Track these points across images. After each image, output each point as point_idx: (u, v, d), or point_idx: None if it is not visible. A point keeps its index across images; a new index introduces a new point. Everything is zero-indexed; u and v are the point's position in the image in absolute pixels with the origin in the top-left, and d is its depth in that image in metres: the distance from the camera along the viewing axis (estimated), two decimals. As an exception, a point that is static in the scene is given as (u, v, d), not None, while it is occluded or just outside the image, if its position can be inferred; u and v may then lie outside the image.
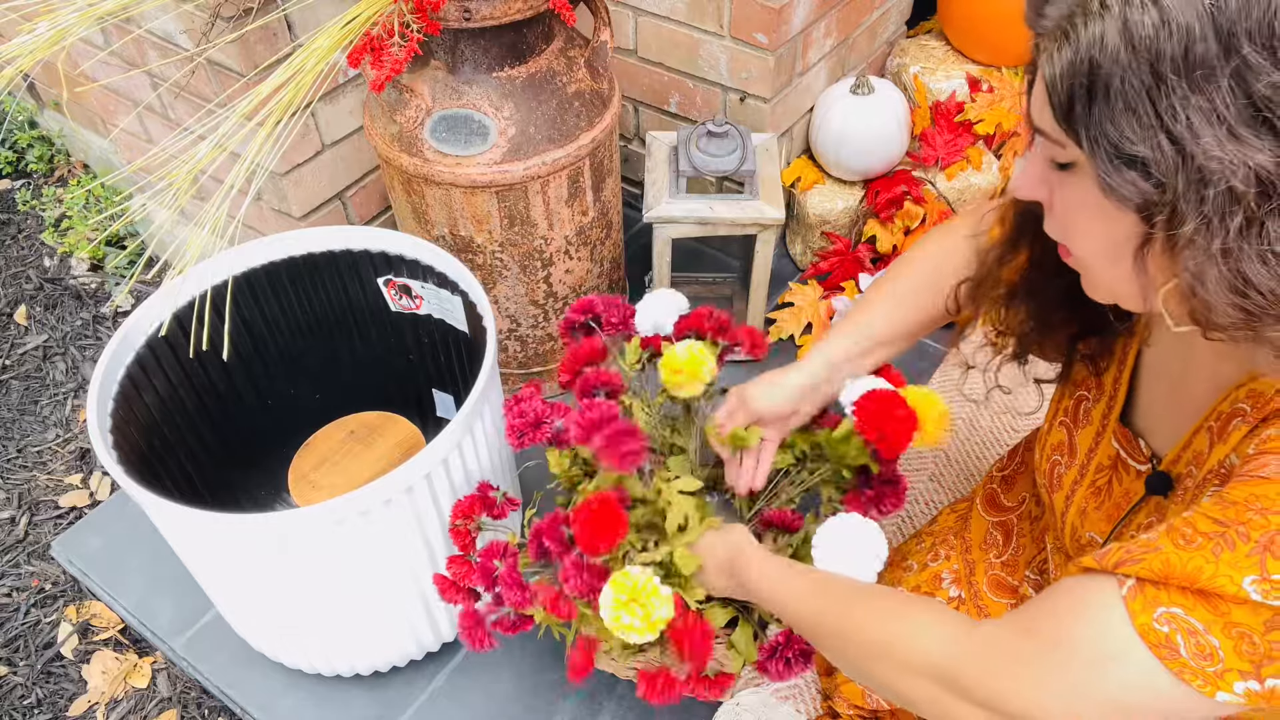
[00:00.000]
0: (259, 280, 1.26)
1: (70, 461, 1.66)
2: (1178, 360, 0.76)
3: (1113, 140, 0.55)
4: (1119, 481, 0.81)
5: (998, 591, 1.02)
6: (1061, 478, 0.86)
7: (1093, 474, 0.83)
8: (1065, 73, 0.56)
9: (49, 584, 1.49)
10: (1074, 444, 0.86)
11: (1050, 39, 0.57)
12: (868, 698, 1.08)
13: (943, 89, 1.75)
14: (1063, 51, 0.56)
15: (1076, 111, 0.57)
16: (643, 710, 1.24)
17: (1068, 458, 0.86)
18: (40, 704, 1.37)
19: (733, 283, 1.76)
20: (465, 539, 1.00)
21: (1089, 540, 0.83)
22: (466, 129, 1.26)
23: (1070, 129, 0.58)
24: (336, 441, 1.45)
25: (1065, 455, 0.86)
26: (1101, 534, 0.81)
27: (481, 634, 0.95)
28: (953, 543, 1.09)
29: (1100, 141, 0.56)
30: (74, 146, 2.15)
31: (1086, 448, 0.84)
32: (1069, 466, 0.85)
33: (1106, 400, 0.83)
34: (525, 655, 1.30)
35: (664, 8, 1.58)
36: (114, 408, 1.09)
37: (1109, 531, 0.80)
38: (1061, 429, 0.87)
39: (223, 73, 1.35)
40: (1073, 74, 0.56)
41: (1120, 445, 0.81)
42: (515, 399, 0.99)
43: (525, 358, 1.55)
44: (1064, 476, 0.86)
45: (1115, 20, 0.53)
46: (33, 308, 1.93)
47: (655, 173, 1.49)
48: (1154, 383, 0.80)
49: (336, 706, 1.26)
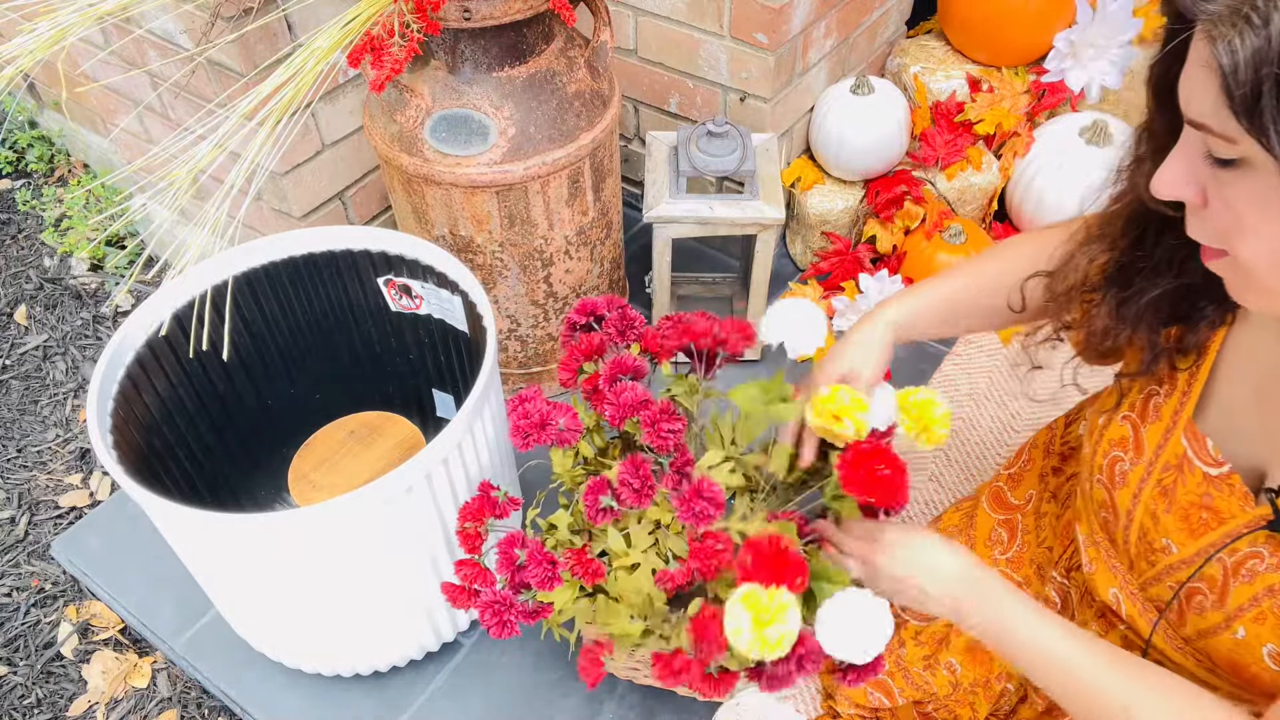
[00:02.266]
0: (259, 280, 1.26)
1: (70, 461, 1.66)
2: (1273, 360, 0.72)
3: None
4: (1182, 484, 0.78)
5: None
6: (1126, 475, 0.83)
7: (1159, 473, 0.80)
8: (1251, 61, 0.51)
9: (49, 584, 1.49)
10: (1140, 440, 0.82)
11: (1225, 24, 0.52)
12: (869, 695, 1.08)
13: (943, 89, 1.75)
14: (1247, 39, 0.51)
15: (1263, 106, 0.52)
16: (643, 710, 1.24)
17: (1133, 454, 0.82)
18: (40, 704, 1.37)
19: (733, 283, 1.76)
20: (475, 541, 1.00)
21: (1163, 547, 0.80)
22: (466, 129, 1.26)
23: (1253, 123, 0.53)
24: (336, 441, 1.45)
25: (1130, 451, 0.82)
26: (1180, 544, 0.78)
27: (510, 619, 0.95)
28: (957, 540, 1.09)
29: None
30: (74, 146, 2.15)
31: (1155, 445, 0.80)
32: (1135, 463, 0.82)
33: (1179, 395, 0.79)
34: (525, 655, 1.30)
35: (664, 8, 1.58)
36: (114, 408, 1.09)
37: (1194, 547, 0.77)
38: (1126, 424, 0.83)
39: (223, 73, 1.35)
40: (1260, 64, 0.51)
41: (1189, 445, 0.78)
42: (519, 399, 0.99)
43: (525, 358, 1.55)
44: (1129, 474, 0.82)
45: None
46: (33, 308, 1.93)
47: (655, 173, 1.49)
48: (1235, 383, 0.76)
49: (336, 706, 1.26)
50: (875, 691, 1.08)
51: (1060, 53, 1.69)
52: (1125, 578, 0.86)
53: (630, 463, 0.90)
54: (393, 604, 1.13)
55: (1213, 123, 0.56)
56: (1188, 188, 0.61)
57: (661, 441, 0.93)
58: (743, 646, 0.82)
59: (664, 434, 0.93)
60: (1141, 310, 0.77)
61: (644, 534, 0.97)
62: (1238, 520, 0.74)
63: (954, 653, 1.03)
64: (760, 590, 0.83)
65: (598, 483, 0.93)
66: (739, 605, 0.83)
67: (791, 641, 0.83)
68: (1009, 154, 1.73)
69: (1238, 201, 0.58)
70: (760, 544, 0.85)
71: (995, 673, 1.01)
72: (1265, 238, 0.58)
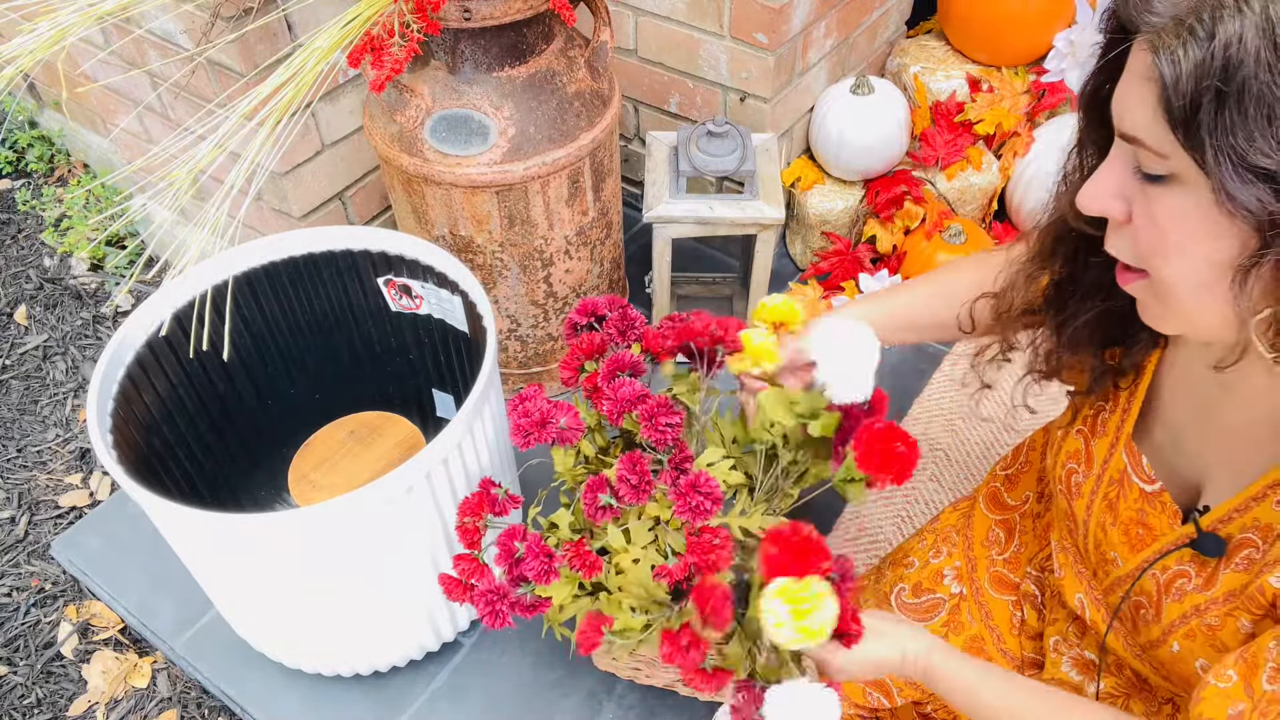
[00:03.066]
0: (259, 280, 1.26)
1: (70, 461, 1.66)
2: (1211, 383, 0.72)
3: (1241, 151, 0.50)
4: (1124, 499, 0.80)
5: (999, 588, 1.03)
6: (1080, 486, 0.85)
7: (1105, 486, 0.82)
8: (1191, 74, 0.50)
9: (49, 584, 1.49)
10: (1091, 453, 0.84)
11: (1169, 35, 0.52)
12: (869, 695, 1.08)
13: (943, 89, 1.75)
14: (1188, 50, 0.50)
15: (1200, 119, 0.51)
16: (643, 710, 1.24)
17: (1085, 466, 0.84)
18: (40, 704, 1.37)
19: (733, 283, 1.76)
20: (473, 536, 1.00)
21: (1111, 559, 0.82)
22: (466, 129, 1.26)
23: (1189, 138, 0.52)
24: (336, 441, 1.45)
25: (1083, 464, 0.85)
26: (1123, 557, 0.80)
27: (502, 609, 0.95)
28: (955, 540, 1.09)
29: (1226, 152, 0.51)
30: (74, 146, 2.15)
31: (1101, 458, 0.83)
32: (1086, 475, 0.84)
33: (1120, 412, 0.81)
34: (525, 655, 1.30)
35: (664, 8, 1.58)
36: (114, 408, 1.09)
37: (1134, 561, 0.79)
38: (1079, 437, 0.85)
39: (223, 73, 1.35)
40: (1201, 76, 0.50)
41: (1128, 460, 0.80)
42: (519, 398, 0.99)
43: (525, 357, 1.55)
44: (1082, 485, 0.85)
45: (1256, 16, 0.49)
46: (33, 308, 1.93)
47: (655, 173, 1.49)
48: (1176, 401, 0.77)
49: (336, 706, 1.26)
50: (874, 692, 1.08)
51: (1060, 53, 1.69)
52: (1090, 583, 0.88)
53: (628, 459, 0.90)
54: (393, 604, 1.13)
55: (1146, 136, 0.55)
56: (1114, 202, 0.61)
57: (659, 435, 0.93)
58: (784, 640, 0.82)
59: (661, 427, 0.93)
60: (1078, 332, 0.77)
61: (643, 530, 0.97)
62: (1167, 538, 0.75)
63: (954, 643, 1.03)
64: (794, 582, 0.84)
65: (596, 481, 0.93)
66: (776, 599, 0.83)
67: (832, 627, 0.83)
68: (1009, 154, 1.73)
69: (1164, 218, 0.57)
70: (783, 534, 0.86)
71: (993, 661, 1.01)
72: (1188, 256, 0.57)
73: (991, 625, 1.02)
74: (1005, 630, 1.01)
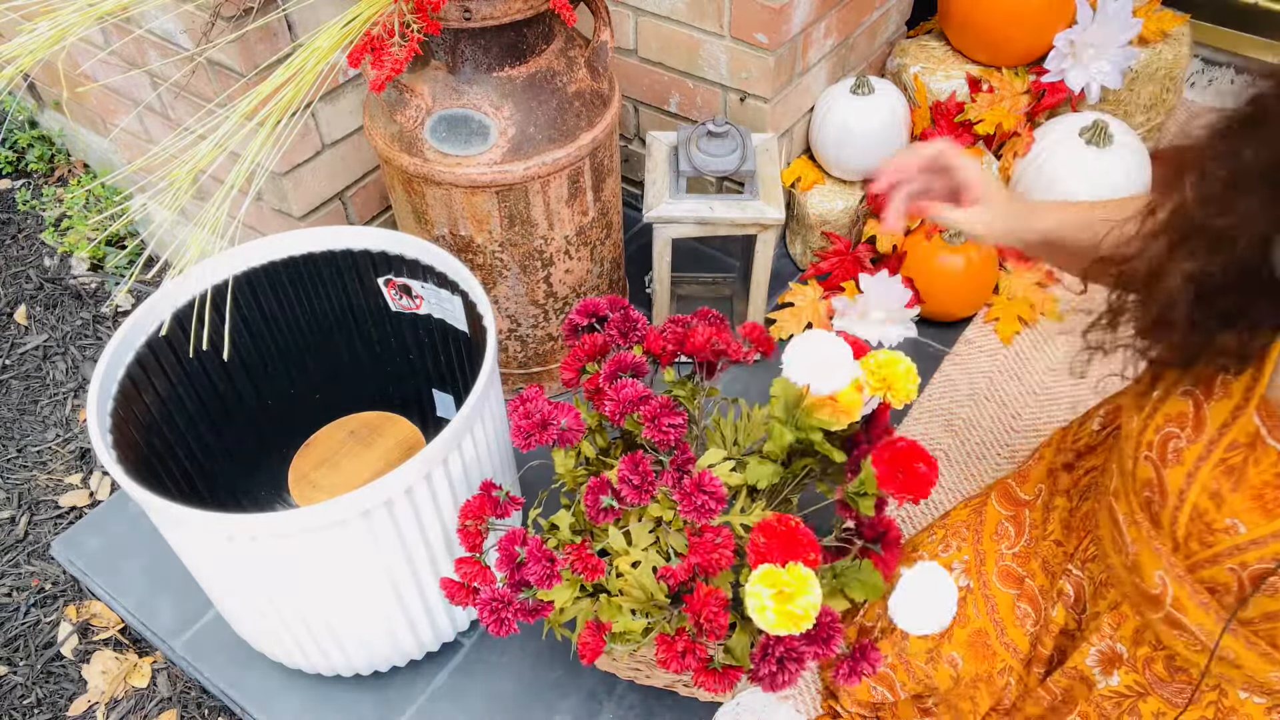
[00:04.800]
0: (259, 280, 1.26)
1: (70, 461, 1.66)
2: None
3: None
4: (1255, 463, 0.76)
5: (1006, 582, 1.03)
6: (1181, 453, 0.80)
7: (1223, 450, 0.77)
8: None
9: (49, 584, 1.49)
10: (1202, 417, 0.79)
11: None
12: (873, 690, 1.08)
13: (943, 89, 1.75)
14: None
15: None
16: (643, 710, 1.24)
17: (1192, 431, 0.79)
18: (40, 704, 1.37)
19: (733, 283, 1.76)
20: (475, 539, 1.00)
21: (1227, 527, 0.78)
22: (466, 129, 1.26)
23: None
24: (336, 441, 1.45)
25: (1189, 428, 0.79)
26: (1251, 524, 0.76)
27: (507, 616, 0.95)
28: (964, 534, 1.09)
29: None
30: (74, 146, 2.15)
31: (1220, 422, 0.77)
32: (1193, 440, 0.79)
33: (1252, 371, 0.76)
34: (525, 655, 1.30)
35: (664, 8, 1.58)
36: (114, 408, 1.09)
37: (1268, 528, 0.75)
38: (1186, 399, 0.80)
39: (223, 73, 1.35)
40: None
41: (1262, 422, 0.75)
42: (520, 399, 0.99)
43: (525, 358, 1.55)
44: (1184, 451, 0.79)
45: None
46: (33, 308, 1.93)
47: (655, 173, 1.49)
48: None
49: (336, 706, 1.26)
50: (879, 686, 1.08)
51: (1060, 53, 1.69)
52: (1170, 560, 0.84)
53: (630, 460, 0.90)
54: (393, 604, 1.13)
55: None
56: None
57: (662, 436, 0.93)
58: (769, 624, 0.82)
59: (665, 428, 0.93)
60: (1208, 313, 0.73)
61: (644, 531, 0.97)
62: None
63: (956, 646, 1.03)
64: (777, 567, 0.84)
65: (598, 482, 0.93)
66: (758, 584, 0.84)
67: (816, 612, 0.83)
68: (1009, 154, 1.73)
69: None
70: (769, 525, 0.86)
71: (997, 667, 1.01)
72: None
73: (996, 618, 1.02)
74: (1009, 623, 1.01)
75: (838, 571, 0.97)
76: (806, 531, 0.87)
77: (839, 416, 0.97)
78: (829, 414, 0.97)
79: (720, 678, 0.91)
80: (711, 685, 0.91)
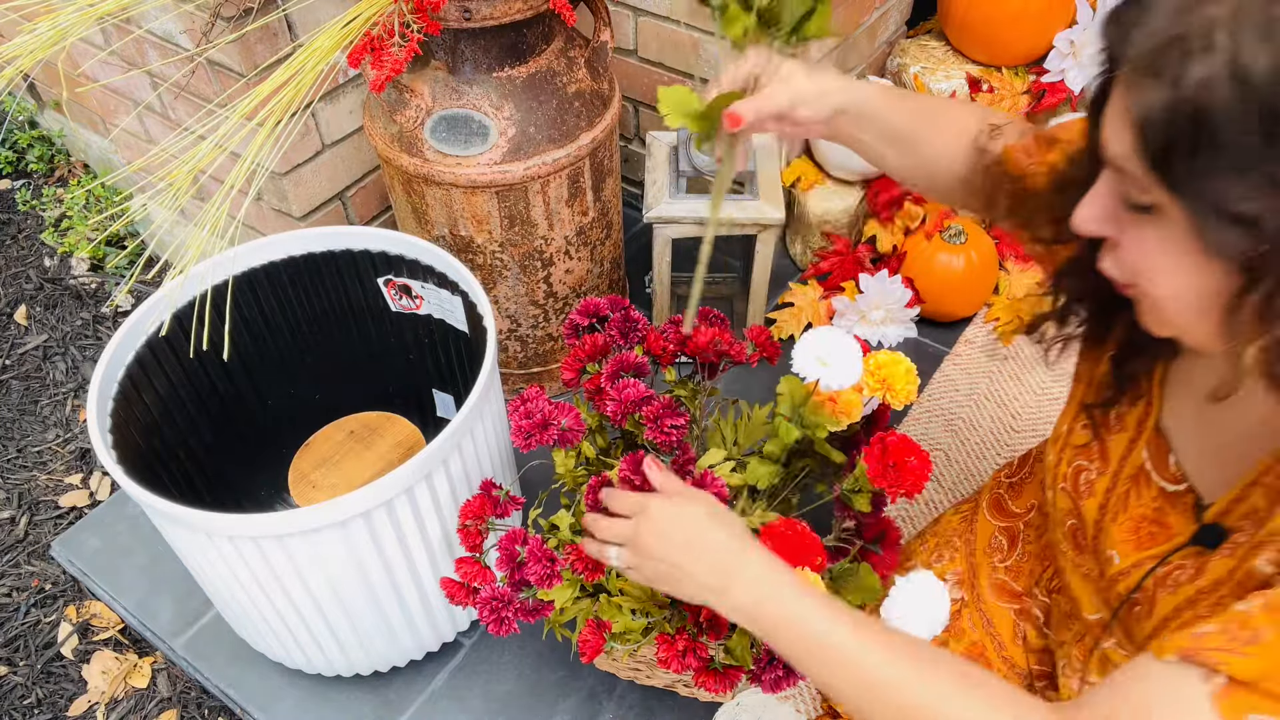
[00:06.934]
0: (259, 280, 1.26)
1: (70, 461, 1.66)
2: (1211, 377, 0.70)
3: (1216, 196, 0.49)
4: (1137, 496, 0.77)
5: (1000, 596, 1.01)
6: (1093, 484, 0.81)
7: (1123, 483, 0.79)
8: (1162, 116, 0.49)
9: (49, 584, 1.49)
10: (1106, 450, 0.80)
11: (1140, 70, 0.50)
12: None
13: (943, 89, 1.75)
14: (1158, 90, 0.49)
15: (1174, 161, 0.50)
16: (643, 710, 1.24)
17: (1099, 463, 0.80)
18: (40, 704, 1.37)
19: (733, 283, 1.76)
20: (475, 539, 1.00)
21: (1108, 558, 0.79)
22: (466, 129, 1.26)
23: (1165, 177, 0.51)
24: (336, 441, 1.45)
25: (1097, 460, 0.81)
26: (1123, 555, 0.77)
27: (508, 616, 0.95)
28: (957, 545, 1.08)
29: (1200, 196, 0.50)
30: (74, 146, 2.15)
31: (1119, 455, 0.79)
32: (1101, 473, 0.80)
33: (1144, 405, 0.77)
34: (525, 655, 1.30)
35: (664, 8, 1.58)
36: (114, 408, 1.09)
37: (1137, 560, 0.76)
38: (1088, 432, 0.82)
39: (223, 73, 1.35)
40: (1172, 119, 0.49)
41: (1149, 456, 0.76)
42: (520, 399, 0.99)
43: (525, 358, 1.55)
44: (1095, 484, 0.81)
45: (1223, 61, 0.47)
46: (33, 308, 1.93)
47: (655, 173, 1.49)
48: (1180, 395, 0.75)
49: (336, 706, 1.26)
50: None
51: (1060, 53, 1.69)
52: (1097, 585, 0.84)
53: (630, 459, 0.90)
54: (393, 604, 1.13)
55: (1128, 166, 0.54)
56: (1107, 225, 0.60)
57: (665, 437, 0.93)
58: None
59: (667, 429, 0.93)
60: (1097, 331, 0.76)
61: None
62: (1181, 537, 0.73)
63: (954, 649, 1.03)
64: None
65: (598, 482, 0.93)
66: None
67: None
68: (1009, 154, 1.73)
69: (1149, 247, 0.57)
70: (777, 529, 0.86)
71: (995, 670, 1.01)
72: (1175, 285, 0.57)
73: (993, 633, 1.00)
74: (1008, 639, 0.99)
75: (834, 575, 0.97)
76: (813, 536, 0.87)
77: (839, 417, 0.97)
78: (829, 414, 0.97)
79: (720, 678, 0.91)
80: (712, 685, 0.91)
